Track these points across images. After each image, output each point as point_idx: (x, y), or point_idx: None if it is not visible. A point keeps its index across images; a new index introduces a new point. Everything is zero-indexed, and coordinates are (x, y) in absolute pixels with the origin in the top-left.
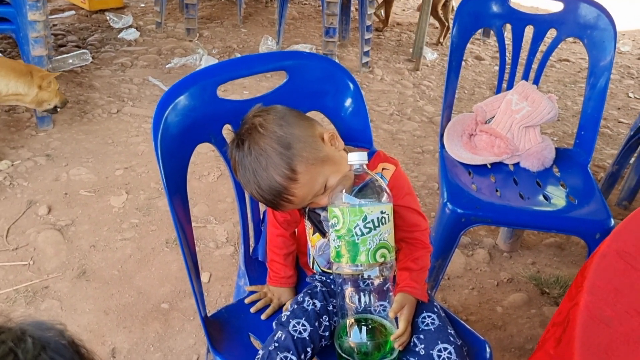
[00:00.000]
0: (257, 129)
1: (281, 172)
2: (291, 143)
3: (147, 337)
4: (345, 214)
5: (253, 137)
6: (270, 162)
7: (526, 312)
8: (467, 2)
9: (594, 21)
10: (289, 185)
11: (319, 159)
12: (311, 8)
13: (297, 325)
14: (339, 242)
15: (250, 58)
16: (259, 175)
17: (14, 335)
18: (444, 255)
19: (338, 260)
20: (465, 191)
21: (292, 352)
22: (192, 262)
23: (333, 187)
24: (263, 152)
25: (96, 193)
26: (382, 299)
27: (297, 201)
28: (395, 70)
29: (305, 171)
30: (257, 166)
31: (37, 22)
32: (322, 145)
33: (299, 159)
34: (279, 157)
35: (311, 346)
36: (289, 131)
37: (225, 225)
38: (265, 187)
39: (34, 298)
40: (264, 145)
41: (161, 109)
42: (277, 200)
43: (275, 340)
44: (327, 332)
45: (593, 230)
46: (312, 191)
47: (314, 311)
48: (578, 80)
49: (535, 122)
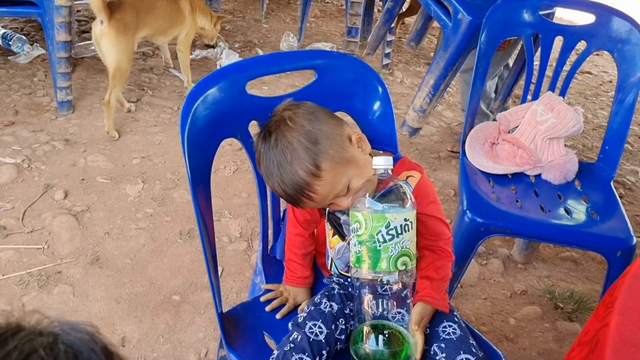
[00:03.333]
0: (285, 122)
1: (305, 167)
2: (318, 139)
3: (157, 327)
4: (368, 220)
5: (281, 129)
6: (296, 156)
7: (539, 326)
8: (498, 9)
9: (626, 35)
10: (311, 182)
11: (344, 159)
12: (333, 7)
13: (313, 327)
14: (360, 247)
15: (281, 55)
16: (283, 168)
17: (45, 343)
18: (460, 264)
19: (358, 265)
20: (485, 200)
21: (307, 354)
22: (211, 257)
23: (356, 190)
24: (289, 145)
25: (112, 181)
26: (400, 306)
27: (318, 199)
28: (415, 74)
29: (330, 169)
30: (282, 159)
31: (64, 8)
32: (349, 146)
33: (325, 155)
34: (305, 152)
35: (327, 349)
36: (318, 127)
37: (240, 220)
38: (287, 181)
39: (47, 282)
40: (291, 138)
41: (190, 101)
42: (298, 195)
43: (290, 341)
44: (343, 336)
45: (614, 248)
46: (334, 190)
47: (330, 313)
48: (600, 94)
49: (559, 134)
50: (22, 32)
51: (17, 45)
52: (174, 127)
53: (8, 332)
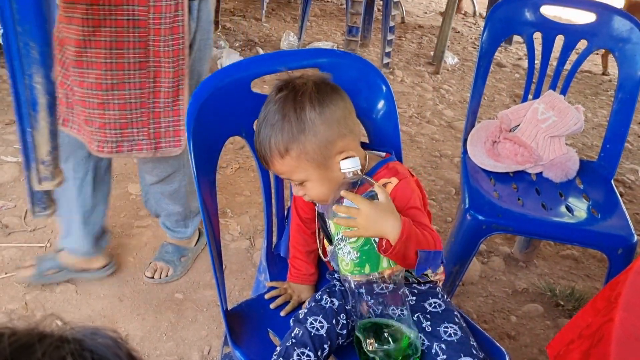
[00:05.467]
0: (298, 92)
1: (277, 141)
2: (306, 130)
3: (160, 325)
4: None
5: (291, 95)
6: (278, 126)
7: (540, 324)
8: (499, 7)
9: (626, 34)
10: (273, 155)
11: (315, 161)
12: (333, 6)
13: (314, 322)
14: (356, 253)
15: (285, 53)
16: (264, 125)
17: (73, 349)
18: (461, 262)
19: (358, 272)
20: (487, 198)
21: (309, 348)
22: (217, 254)
23: (332, 201)
24: (282, 113)
25: (114, 179)
26: (399, 303)
27: (272, 169)
28: (416, 73)
29: (296, 158)
30: (271, 117)
31: None
32: (331, 156)
33: (300, 147)
34: (287, 131)
35: (328, 343)
36: (316, 121)
37: (242, 219)
38: (260, 137)
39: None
40: (287, 110)
41: (196, 99)
42: (260, 153)
43: (292, 336)
44: (345, 331)
45: (616, 245)
46: (289, 174)
47: (331, 309)
48: (599, 92)
49: (560, 132)
50: None
51: None
52: None
53: (34, 339)
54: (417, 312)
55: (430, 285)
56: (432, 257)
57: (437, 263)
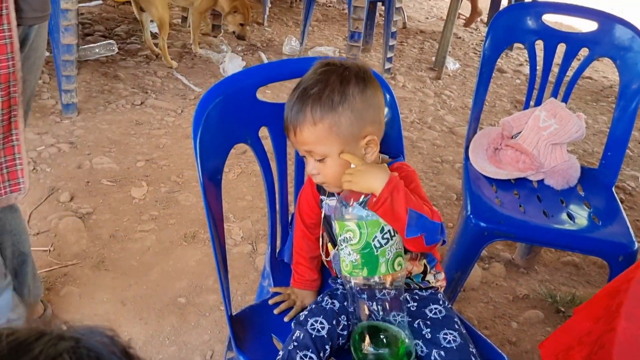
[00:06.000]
0: (344, 68)
1: (314, 107)
2: (345, 104)
3: (162, 330)
4: (363, 227)
5: (335, 69)
6: (318, 94)
7: (541, 330)
8: (502, 15)
9: (628, 43)
10: (306, 121)
11: (343, 139)
12: (335, 11)
13: (315, 324)
14: (356, 255)
15: (290, 62)
16: (302, 92)
17: (69, 347)
18: (463, 268)
19: (356, 274)
20: (489, 205)
21: (311, 350)
22: (222, 260)
23: (338, 202)
24: (324, 83)
25: (117, 183)
26: (398, 308)
27: (298, 137)
28: (417, 78)
29: (327, 129)
30: (311, 84)
31: (69, 11)
32: (358, 139)
33: (335, 118)
34: (326, 99)
35: (329, 343)
36: (355, 97)
37: (244, 223)
38: (294, 102)
39: (54, 284)
40: (331, 81)
41: (202, 107)
42: (289, 119)
43: (294, 339)
44: (345, 332)
45: (616, 253)
46: (314, 147)
47: (332, 310)
48: (600, 99)
49: (562, 140)
50: None
51: None
52: (178, 130)
53: (32, 338)
54: (418, 319)
55: (432, 292)
56: (426, 223)
57: (432, 232)
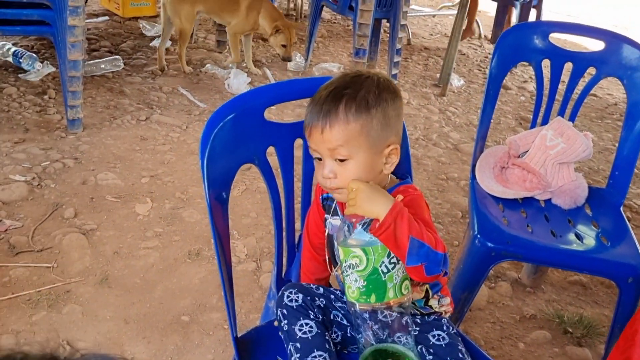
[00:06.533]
0: (378, 76)
1: (350, 105)
2: (379, 107)
3: (166, 349)
4: (370, 253)
5: (369, 75)
6: (354, 93)
7: (548, 351)
8: (509, 34)
9: (635, 62)
10: (338, 119)
11: (371, 142)
12: (340, 27)
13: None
14: (362, 282)
15: (298, 82)
16: (335, 90)
17: None
18: (470, 289)
19: (364, 300)
20: (496, 225)
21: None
22: (227, 279)
23: (341, 222)
24: (360, 85)
25: (122, 199)
26: (403, 330)
27: (321, 137)
28: (422, 95)
29: (359, 130)
30: (346, 83)
31: (76, 27)
32: (382, 147)
33: (368, 119)
34: (363, 98)
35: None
36: (388, 102)
37: (248, 240)
38: (326, 98)
39: (56, 301)
40: (367, 84)
41: (210, 127)
42: (318, 116)
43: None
44: (339, 337)
45: (626, 274)
46: (342, 143)
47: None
48: (605, 116)
49: (569, 159)
50: (32, 49)
51: (28, 62)
52: (182, 145)
53: None
54: (420, 344)
55: (435, 317)
56: (429, 253)
57: (434, 263)
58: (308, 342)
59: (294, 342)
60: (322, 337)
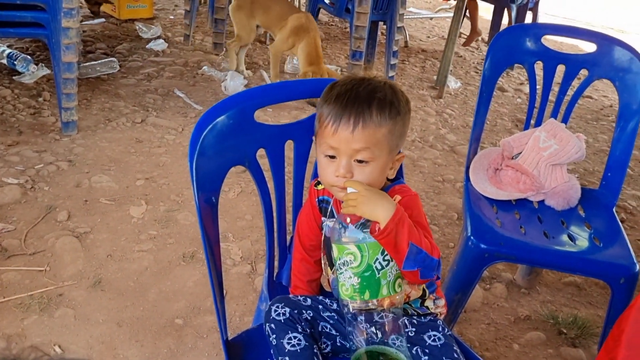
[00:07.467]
0: (393, 87)
1: (382, 109)
2: (405, 115)
3: (159, 352)
4: (364, 250)
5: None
6: (382, 98)
7: (543, 352)
8: (501, 37)
9: (627, 64)
10: (372, 120)
11: (392, 148)
12: (337, 30)
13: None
14: (356, 279)
15: (289, 84)
16: (365, 87)
17: None
18: (464, 290)
19: (358, 297)
20: (490, 226)
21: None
22: (217, 284)
23: (335, 222)
24: (390, 90)
25: (116, 202)
26: (397, 332)
27: (351, 136)
28: (419, 97)
29: (388, 133)
30: (377, 88)
31: (71, 29)
32: (395, 153)
33: (395, 125)
34: (395, 104)
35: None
36: (407, 113)
37: (243, 243)
38: (355, 97)
39: (48, 305)
40: (397, 91)
41: (199, 129)
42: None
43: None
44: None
45: (618, 275)
46: (368, 145)
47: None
48: (600, 118)
49: (562, 160)
50: (27, 51)
51: (22, 65)
52: (178, 148)
53: None
54: (416, 345)
55: (431, 318)
56: (425, 259)
57: (429, 268)
58: (297, 355)
59: (283, 355)
60: (310, 350)
